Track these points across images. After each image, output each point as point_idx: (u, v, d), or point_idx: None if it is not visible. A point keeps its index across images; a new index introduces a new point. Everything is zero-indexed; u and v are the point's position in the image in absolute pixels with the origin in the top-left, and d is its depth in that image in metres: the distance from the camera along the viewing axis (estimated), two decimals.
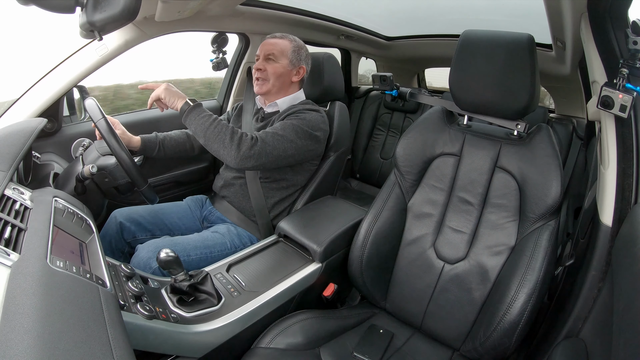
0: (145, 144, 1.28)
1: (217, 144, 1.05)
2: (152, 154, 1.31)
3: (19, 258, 0.54)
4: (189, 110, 1.07)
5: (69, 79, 1.20)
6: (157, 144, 1.31)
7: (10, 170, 0.78)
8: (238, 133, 1.07)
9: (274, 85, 1.26)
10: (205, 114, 1.07)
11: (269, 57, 1.25)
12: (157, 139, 1.31)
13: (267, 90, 1.26)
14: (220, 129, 1.06)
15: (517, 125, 1.00)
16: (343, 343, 0.97)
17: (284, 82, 1.27)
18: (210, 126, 1.05)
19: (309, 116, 1.21)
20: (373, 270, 1.08)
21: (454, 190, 1.05)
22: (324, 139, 1.27)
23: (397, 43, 2.51)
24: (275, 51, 1.24)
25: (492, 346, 0.87)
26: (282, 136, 1.12)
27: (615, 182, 0.87)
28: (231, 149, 1.04)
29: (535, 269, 0.86)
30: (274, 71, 1.24)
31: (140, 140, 1.27)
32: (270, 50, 1.25)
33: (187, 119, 1.08)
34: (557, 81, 1.95)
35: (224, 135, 1.05)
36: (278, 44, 1.26)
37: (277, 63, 1.25)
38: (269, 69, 1.24)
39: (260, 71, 1.25)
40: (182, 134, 1.39)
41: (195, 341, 0.81)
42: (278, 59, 1.25)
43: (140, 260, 1.03)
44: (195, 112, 1.07)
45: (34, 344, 0.40)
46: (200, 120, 1.06)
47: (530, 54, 0.91)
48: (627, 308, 0.62)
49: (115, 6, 0.70)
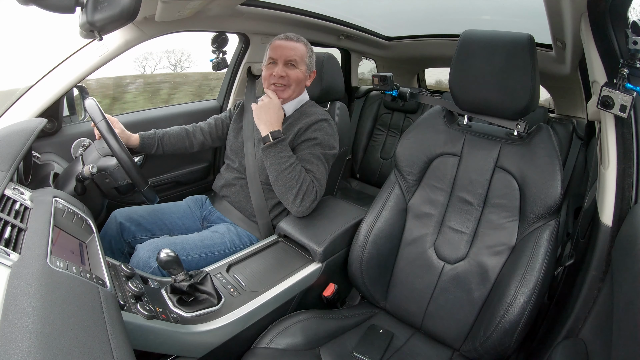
0: (144, 141, 1.28)
1: (284, 189, 1.08)
2: (150, 151, 1.31)
3: (19, 258, 0.54)
4: (270, 145, 1.09)
5: (69, 79, 1.20)
6: (155, 141, 1.30)
7: (10, 170, 0.78)
8: (306, 183, 1.09)
9: (294, 91, 1.24)
10: (284, 154, 1.08)
11: (290, 63, 1.20)
12: (155, 137, 1.31)
13: (288, 96, 1.24)
14: (294, 176, 1.08)
15: (517, 125, 1.00)
16: (343, 343, 0.97)
17: (301, 88, 1.27)
18: (285, 170, 1.07)
19: (323, 136, 1.19)
20: (373, 270, 1.08)
21: (454, 190, 1.05)
22: (338, 145, 1.27)
23: (397, 43, 2.51)
24: (297, 57, 1.20)
25: (492, 346, 0.87)
26: (324, 170, 1.18)
27: (615, 182, 0.87)
28: (295, 201, 1.10)
29: (535, 269, 0.86)
30: (296, 77, 1.21)
31: (139, 138, 1.27)
32: (291, 57, 1.20)
33: (266, 152, 1.09)
34: (557, 81, 1.95)
35: (294, 185, 1.07)
36: (297, 49, 1.22)
37: (298, 69, 1.22)
38: (292, 76, 1.21)
39: (283, 77, 1.20)
40: (181, 130, 1.38)
41: (195, 341, 0.81)
42: (298, 65, 1.21)
43: (139, 260, 1.03)
44: (276, 150, 1.08)
45: (34, 344, 0.40)
46: (278, 160, 1.08)
47: (530, 54, 0.91)
48: (627, 308, 0.62)
49: (115, 6, 0.70)
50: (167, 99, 2.94)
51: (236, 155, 1.32)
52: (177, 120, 1.65)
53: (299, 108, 1.29)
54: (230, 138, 1.36)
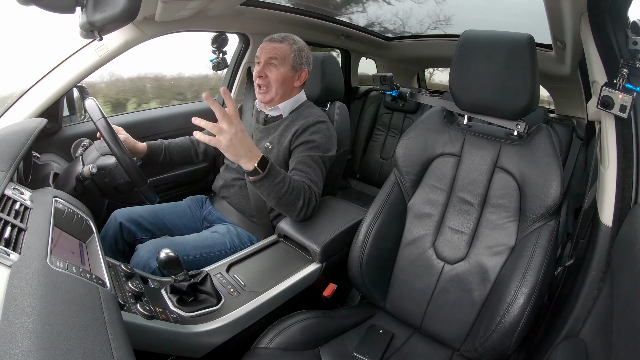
0: (151, 149, 1.28)
1: (287, 208, 1.05)
2: (157, 160, 1.30)
3: (19, 258, 0.54)
4: (261, 178, 0.93)
5: (69, 79, 1.21)
6: (162, 150, 1.30)
7: (10, 170, 0.78)
8: (307, 195, 1.06)
9: (277, 92, 1.22)
10: (279, 179, 0.97)
11: (270, 63, 1.20)
12: (162, 145, 1.31)
13: (270, 98, 1.23)
14: (295, 195, 1.02)
15: (517, 125, 1.00)
16: (343, 343, 0.97)
17: (286, 89, 1.24)
18: (285, 193, 0.99)
19: (320, 138, 1.18)
20: (373, 271, 1.08)
21: (454, 191, 1.05)
22: (336, 147, 1.26)
23: (397, 43, 2.51)
24: (277, 56, 1.19)
25: (492, 346, 0.87)
26: (321, 174, 1.16)
27: (615, 182, 0.87)
28: (299, 214, 1.07)
29: (535, 269, 0.86)
30: (276, 78, 1.20)
31: (146, 146, 1.26)
32: (271, 56, 1.19)
33: (259, 184, 0.95)
34: (557, 81, 1.95)
35: (296, 202, 1.04)
36: (279, 49, 1.20)
37: (278, 70, 1.20)
38: (271, 76, 1.20)
39: (262, 78, 1.20)
40: (186, 140, 1.39)
41: (195, 341, 0.81)
42: (280, 65, 1.20)
43: (140, 260, 1.03)
44: (270, 178, 0.95)
45: (34, 344, 0.40)
46: (275, 188, 0.97)
47: (530, 54, 0.91)
48: (627, 308, 0.62)
49: (115, 6, 0.71)
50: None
51: None
52: (177, 120, 1.65)
53: (296, 109, 1.28)
54: None
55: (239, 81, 1.80)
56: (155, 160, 1.30)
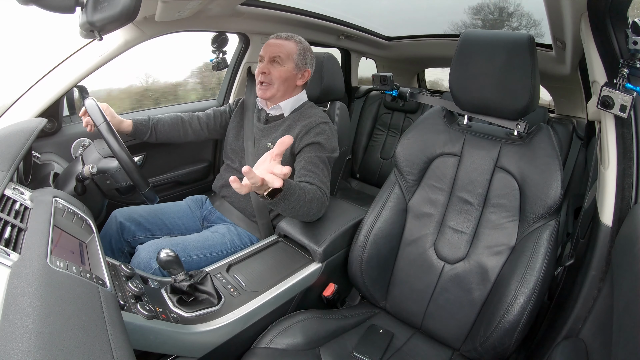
0: (137, 127, 1.25)
1: (305, 217, 1.04)
2: (143, 138, 1.28)
3: (19, 258, 0.54)
4: (280, 199, 0.88)
5: (69, 79, 1.20)
6: (149, 128, 1.28)
7: (10, 170, 0.78)
8: (320, 200, 1.04)
9: (279, 89, 1.22)
10: (296, 196, 0.91)
11: (274, 60, 1.20)
12: (149, 123, 1.29)
13: (271, 95, 1.23)
14: (312, 205, 0.99)
15: (517, 125, 1.00)
16: (343, 343, 0.97)
17: (288, 86, 1.24)
18: (303, 206, 0.96)
19: (325, 139, 1.18)
20: (373, 270, 1.08)
21: (454, 190, 1.05)
22: (338, 148, 1.26)
23: (397, 43, 2.51)
24: (282, 54, 1.19)
25: (492, 346, 0.87)
26: (328, 174, 1.16)
27: (615, 182, 0.87)
28: (312, 218, 1.07)
29: (535, 269, 0.86)
30: (279, 75, 1.20)
31: (132, 123, 1.24)
32: (276, 53, 1.19)
33: (278, 204, 0.90)
34: (557, 81, 1.95)
35: (313, 209, 1.02)
36: (284, 46, 1.21)
37: (282, 67, 1.20)
38: (274, 73, 1.20)
39: (265, 75, 1.20)
40: (176, 117, 1.36)
41: (195, 341, 0.81)
42: (284, 63, 1.20)
43: (140, 261, 1.03)
44: (287, 199, 0.90)
45: (34, 344, 0.40)
46: (294, 204, 0.93)
47: (530, 54, 0.91)
48: (627, 308, 0.62)
49: (115, 6, 0.71)
50: None
51: (236, 155, 1.32)
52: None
53: (297, 109, 1.28)
54: (230, 137, 1.36)
55: (238, 81, 1.81)
56: (140, 138, 1.28)
